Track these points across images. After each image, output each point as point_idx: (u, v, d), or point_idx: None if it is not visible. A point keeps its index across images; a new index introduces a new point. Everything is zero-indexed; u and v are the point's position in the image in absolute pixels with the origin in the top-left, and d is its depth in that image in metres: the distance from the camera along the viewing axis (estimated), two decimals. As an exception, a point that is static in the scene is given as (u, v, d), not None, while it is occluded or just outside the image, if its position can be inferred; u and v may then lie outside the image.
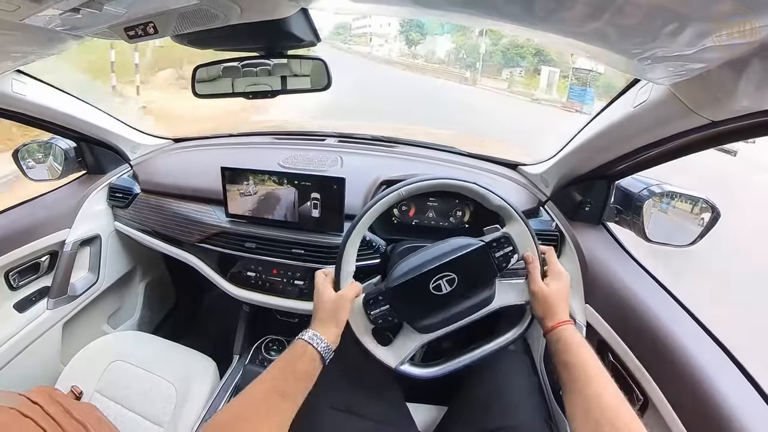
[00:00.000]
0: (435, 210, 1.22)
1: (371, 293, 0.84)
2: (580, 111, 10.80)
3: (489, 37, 18.36)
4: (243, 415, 0.61)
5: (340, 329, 0.77)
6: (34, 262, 1.30)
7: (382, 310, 0.82)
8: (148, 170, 1.49)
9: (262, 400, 0.64)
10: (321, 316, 0.78)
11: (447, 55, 23.20)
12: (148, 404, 1.13)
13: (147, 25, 0.69)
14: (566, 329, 0.76)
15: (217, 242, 1.26)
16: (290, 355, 0.70)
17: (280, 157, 1.39)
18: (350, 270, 0.86)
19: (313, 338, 0.72)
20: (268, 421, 0.62)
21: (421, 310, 0.84)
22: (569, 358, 0.71)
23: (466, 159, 1.51)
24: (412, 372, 0.86)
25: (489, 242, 0.83)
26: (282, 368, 0.69)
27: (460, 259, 0.82)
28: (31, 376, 1.25)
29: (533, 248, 0.85)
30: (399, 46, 26.59)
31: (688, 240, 0.94)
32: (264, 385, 0.66)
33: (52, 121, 1.26)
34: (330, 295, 0.80)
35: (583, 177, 1.09)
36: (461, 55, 21.77)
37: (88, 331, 1.50)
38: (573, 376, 0.69)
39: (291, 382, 0.67)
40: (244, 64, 1.01)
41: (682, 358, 0.73)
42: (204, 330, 1.98)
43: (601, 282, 0.98)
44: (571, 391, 0.68)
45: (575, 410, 0.66)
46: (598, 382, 0.66)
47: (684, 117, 0.66)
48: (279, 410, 0.63)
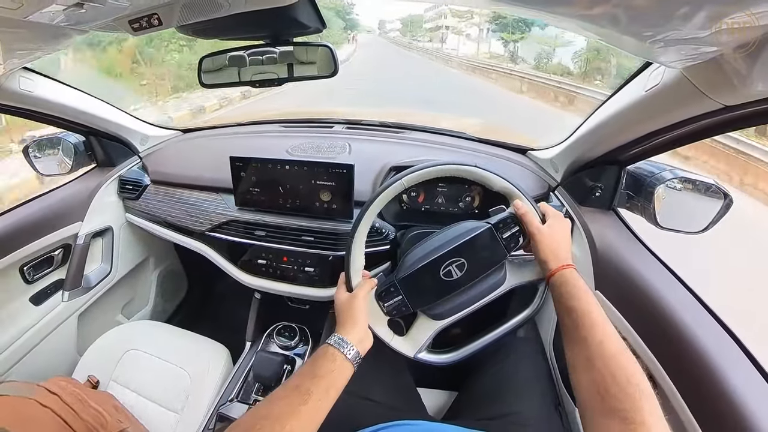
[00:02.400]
0: (444, 195, 1.21)
1: (383, 285, 0.84)
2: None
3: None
4: (266, 415, 0.61)
5: (361, 327, 0.77)
6: (48, 256, 1.32)
7: (396, 301, 0.83)
8: (157, 161, 1.50)
9: (285, 400, 0.64)
10: (341, 320, 0.79)
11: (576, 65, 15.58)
12: (163, 391, 1.15)
13: (151, 16, 0.68)
14: (571, 272, 0.74)
15: (228, 231, 1.27)
16: (314, 358, 0.71)
17: (288, 145, 1.39)
18: (359, 266, 0.87)
19: (336, 342, 0.72)
20: (291, 419, 0.61)
21: (434, 298, 0.84)
22: (574, 303, 0.68)
23: (476, 144, 1.49)
24: (430, 359, 0.87)
25: (495, 224, 0.83)
26: (305, 370, 0.69)
27: (468, 243, 0.82)
28: (48, 367, 1.28)
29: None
30: (478, 46, 23.60)
31: (699, 227, 0.92)
32: (288, 386, 0.66)
33: (60, 116, 1.26)
34: (343, 297, 0.81)
35: (593, 162, 1.08)
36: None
37: (102, 321, 1.53)
38: (576, 323, 0.66)
39: (313, 381, 0.66)
40: (250, 52, 1.00)
41: (692, 347, 0.72)
42: (216, 318, 2.01)
43: (612, 268, 0.97)
44: (574, 340, 0.65)
45: (577, 359, 0.63)
46: (602, 330, 0.63)
47: (697, 101, 0.64)
48: (303, 409, 0.63)
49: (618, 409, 0.53)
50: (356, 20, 47.39)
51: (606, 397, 0.55)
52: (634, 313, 0.88)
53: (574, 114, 10.12)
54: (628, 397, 0.53)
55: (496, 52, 24.26)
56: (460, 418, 0.98)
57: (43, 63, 0.98)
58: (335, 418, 0.86)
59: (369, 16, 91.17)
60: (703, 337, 0.73)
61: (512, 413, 0.88)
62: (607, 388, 0.55)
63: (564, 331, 0.69)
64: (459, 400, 1.06)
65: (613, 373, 0.57)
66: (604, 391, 0.56)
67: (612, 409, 0.53)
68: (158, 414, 1.12)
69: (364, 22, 65.62)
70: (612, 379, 0.56)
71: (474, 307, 0.85)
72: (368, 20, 79.84)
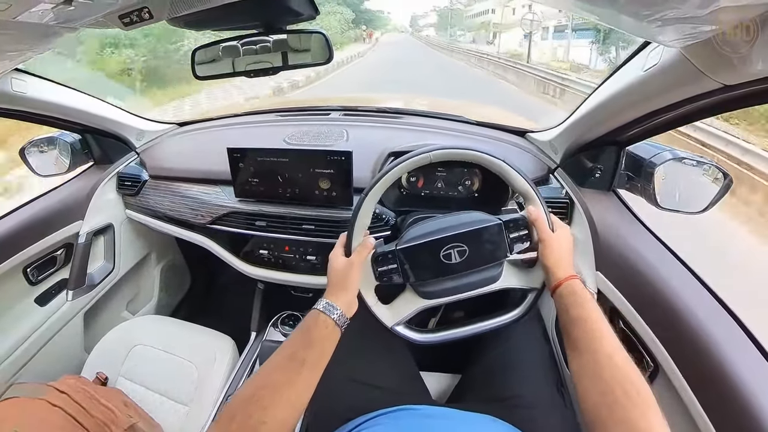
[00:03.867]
0: (444, 180, 1.20)
1: (382, 250, 0.84)
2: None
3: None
4: (264, 385, 0.62)
5: (351, 294, 0.78)
6: (51, 256, 1.33)
7: (390, 268, 0.83)
8: (154, 156, 1.50)
9: (281, 369, 0.65)
10: (332, 283, 0.79)
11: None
12: (172, 385, 1.17)
13: (141, 10, 0.68)
14: (578, 283, 0.75)
15: (228, 222, 1.27)
16: (305, 325, 0.71)
17: (285, 134, 1.38)
18: (363, 225, 0.85)
19: (326, 307, 0.73)
20: (289, 388, 0.63)
21: (428, 275, 0.84)
22: (583, 313, 0.69)
23: (474, 128, 1.48)
24: (406, 334, 0.87)
25: (506, 222, 0.83)
26: (297, 338, 0.70)
27: (476, 232, 0.82)
28: (57, 367, 1.30)
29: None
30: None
31: (700, 207, 0.92)
32: (281, 355, 0.67)
33: (54, 116, 1.26)
34: (339, 262, 0.81)
35: (592, 143, 1.07)
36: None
37: (108, 318, 1.54)
38: (586, 334, 0.66)
39: (308, 350, 0.68)
40: (243, 42, 0.99)
41: (693, 326, 0.73)
42: (220, 309, 2.03)
43: (612, 249, 0.98)
44: (582, 350, 0.66)
45: (584, 370, 0.64)
46: (609, 341, 0.64)
47: (696, 81, 0.64)
48: (299, 378, 0.64)
49: (626, 419, 0.55)
50: (383, 18, 43.52)
51: (614, 408, 0.56)
52: (636, 293, 0.88)
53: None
54: (635, 408, 0.55)
55: (581, 61, 18.73)
56: (463, 401, 0.99)
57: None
58: (339, 403, 0.87)
59: (400, 15, 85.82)
60: (705, 319, 0.73)
61: (515, 395, 0.89)
62: (616, 400, 0.57)
63: (569, 340, 0.70)
64: (462, 383, 1.08)
65: (621, 384, 0.58)
66: (612, 402, 0.57)
67: (620, 419, 0.55)
68: (167, 407, 1.14)
69: (394, 20, 60.39)
70: (621, 390, 0.57)
71: (462, 296, 0.86)
72: (400, 18, 74.80)
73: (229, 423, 0.58)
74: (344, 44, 31.66)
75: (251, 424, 0.57)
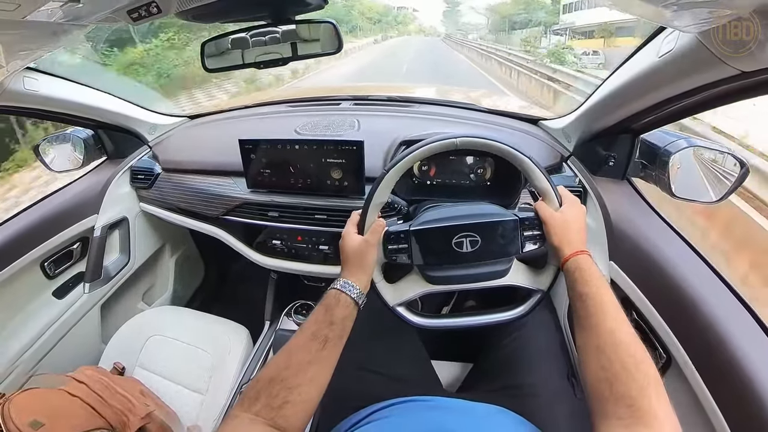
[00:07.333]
0: (455, 168, 1.19)
1: (395, 229, 0.83)
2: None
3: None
4: (288, 365, 0.63)
5: (368, 275, 0.78)
6: (67, 250, 1.35)
7: (400, 248, 0.82)
8: (167, 149, 1.51)
9: (303, 348, 0.65)
10: (349, 262, 0.78)
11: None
12: (188, 374, 1.19)
13: (149, 5, 0.67)
14: (585, 259, 0.73)
15: (241, 213, 1.28)
16: (325, 305, 0.71)
17: (297, 124, 1.38)
18: (381, 202, 0.84)
19: (344, 286, 0.73)
20: (312, 367, 0.63)
21: (437, 260, 0.83)
22: (587, 290, 0.68)
23: (486, 116, 1.46)
24: (405, 316, 0.87)
25: (522, 219, 0.81)
26: (320, 317, 0.70)
27: (491, 225, 0.81)
28: (75, 358, 1.33)
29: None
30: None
31: (715, 196, 0.90)
32: (304, 335, 0.68)
33: (67, 112, 1.27)
34: (354, 240, 0.80)
35: (606, 131, 1.06)
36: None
37: (124, 309, 1.57)
38: (589, 310, 0.65)
39: (330, 328, 0.68)
40: (252, 33, 0.98)
41: (707, 318, 0.72)
42: (234, 299, 2.05)
43: (626, 238, 0.96)
44: (584, 326, 0.65)
45: (587, 346, 0.63)
46: (614, 317, 0.63)
47: (712, 67, 0.62)
48: (320, 357, 0.65)
49: (625, 396, 0.54)
50: (394, 15, 37.87)
51: (614, 384, 0.56)
52: (649, 284, 0.87)
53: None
54: (635, 384, 0.54)
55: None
56: (474, 391, 1.00)
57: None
58: (350, 392, 0.88)
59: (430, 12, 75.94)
60: (718, 308, 0.72)
61: (526, 384, 0.89)
62: (616, 375, 0.56)
63: (575, 316, 0.69)
64: (473, 372, 1.08)
65: (622, 360, 0.57)
66: (612, 377, 0.56)
67: (620, 395, 0.54)
68: (183, 396, 1.16)
69: (422, 18, 51.52)
70: (621, 366, 0.57)
71: (467, 287, 0.85)
72: (429, 16, 63.10)
73: (253, 403, 0.58)
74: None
75: (276, 403, 0.58)
